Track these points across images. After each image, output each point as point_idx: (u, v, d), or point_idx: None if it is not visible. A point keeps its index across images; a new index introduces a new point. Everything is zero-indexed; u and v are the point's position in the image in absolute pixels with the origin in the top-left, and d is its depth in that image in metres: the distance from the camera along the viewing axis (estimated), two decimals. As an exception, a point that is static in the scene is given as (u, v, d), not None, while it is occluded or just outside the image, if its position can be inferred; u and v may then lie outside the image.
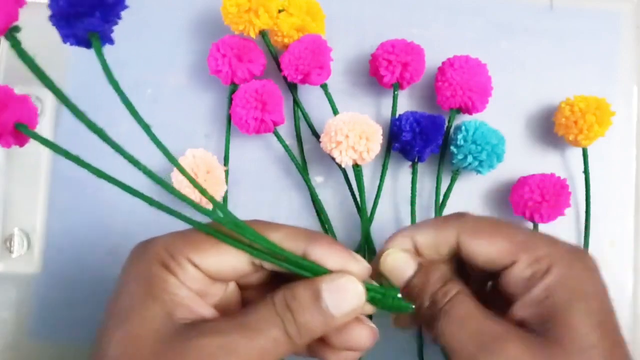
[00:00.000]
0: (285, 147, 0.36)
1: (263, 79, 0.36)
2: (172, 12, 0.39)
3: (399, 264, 0.26)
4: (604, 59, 0.39)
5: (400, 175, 0.38)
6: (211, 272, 0.24)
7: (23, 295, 0.37)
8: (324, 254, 0.24)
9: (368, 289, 0.25)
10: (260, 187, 0.38)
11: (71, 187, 0.38)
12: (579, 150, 0.37)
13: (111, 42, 0.22)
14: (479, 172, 0.36)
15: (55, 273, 0.37)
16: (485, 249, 0.25)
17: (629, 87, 0.39)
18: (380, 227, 0.38)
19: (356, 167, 0.34)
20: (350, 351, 0.26)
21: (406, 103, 0.39)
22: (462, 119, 0.38)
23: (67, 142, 0.38)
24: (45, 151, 0.38)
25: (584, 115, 0.35)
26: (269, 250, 0.24)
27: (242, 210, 0.38)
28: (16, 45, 0.20)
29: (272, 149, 0.39)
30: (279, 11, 0.35)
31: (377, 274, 0.27)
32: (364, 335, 0.25)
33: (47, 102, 0.38)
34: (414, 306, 0.25)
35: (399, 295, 0.25)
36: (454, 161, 0.36)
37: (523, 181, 0.36)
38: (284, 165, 0.38)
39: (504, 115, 0.38)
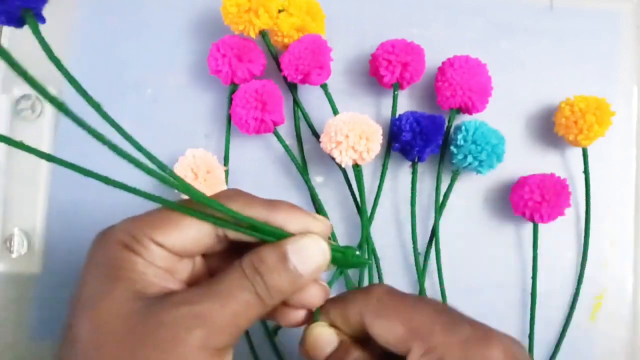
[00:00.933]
0: (285, 147, 0.36)
1: (263, 79, 0.36)
2: (172, 12, 0.39)
3: (320, 339, 0.26)
4: (604, 59, 0.39)
5: (400, 175, 0.38)
6: (176, 248, 0.24)
7: (23, 295, 0.37)
8: (286, 218, 0.24)
9: (332, 248, 0.25)
10: (260, 187, 0.38)
11: (71, 187, 0.38)
12: (579, 150, 0.37)
13: (43, 20, 0.22)
14: (479, 172, 0.36)
15: (55, 273, 0.37)
16: (384, 332, 0.25)
17: (629, 87, 0.39)
18: (380, 227, 0.38)
19: (356, 167, 0.34)
20: (302, 310, 0.26)
21: (406, 103, 0.39)
22: (462, 119, 0.38)
23: (68, 141, 0.38)
24: (45, 151, 0.38)
25: (584, 115, 0.35)
26: (232, 219, 0.24)
27: (242, 210, 0.38)
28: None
29: (272, 149, 0.39)
30: (279, 11, 0.35)
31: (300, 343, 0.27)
32: (317, 293, 0.26)
33: (47, 102, 0.38)
34: (369, 262, 0.25)
35: (357, 253, 0.26)
36: (454, 161, 0.36)
37: (523, 181, 0.36)
38: (284, 165, 0.38)
39: (504, 115, 0.38)
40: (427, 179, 0.38)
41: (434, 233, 0.37)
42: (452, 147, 0.36)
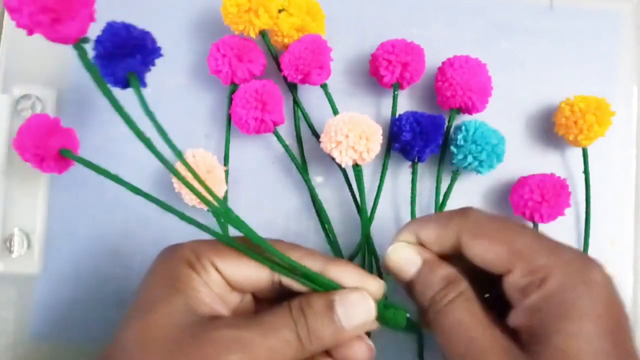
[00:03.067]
0: (285, 147, 0.36)
1: (263, 79, 0.36)
2: (172, 12, 0.39)
3: (403, 261, 0.27)
4: (604, 59, 0.39)
5: (400, 175, 0.38)
6: (232, 279, 0.26)
7: (23, 295, 0.37)
8: (341, 272, 0.26)
9: (382, 306, 0.26)
10: (260, 187, 0.38)
11: (71, 187, 0.38)
12: (579, 150, 0.37)
13: (144, 84, 0.25)
14: (479, 172, 0.36)
15: (55, 273, 0.37)
16: (483, 253, 0.25)
17: (629, 87, 0.39)
18: (380, 227, 0.38)
19: (356, 167, 0.34)
20: None
21: (406, 103, 0.39)
22: (462, 119, 0.38)
23: (67, 142, 0.38)
24: (45, 151, 0.38)
25: (584, 115, 0.35)
26: (289, 266, 0.25)
27: (242, 210, 0.38)
28: (83, 55, 0.21)
29: (272, 149, 0.39)
30: (279, 11, 0.35)
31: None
32: (362, 351, 0.26)
33: (47, 102, 0.38)
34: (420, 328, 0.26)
35: (408, 316, 0.26)
36: (454, 161, 0.36)
37: (523, 181, 0.36)
38: (284, 165, 0.38)
39: (504, 115, 0.38)
40: (427, 179, 0.38)
41: None
42: (452, 147, 0.36)
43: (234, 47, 0.35)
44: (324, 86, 0.36)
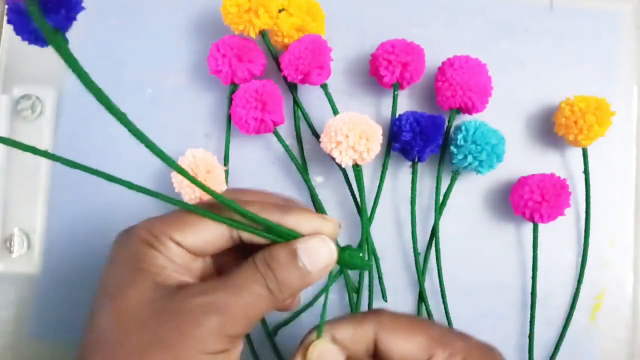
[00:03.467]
0: (285, 147, 0.36)
1: (263, 79, 0.36)
2: (172, 12, 0.39)
3: (327, 356, 0.27)
4: (604, 59, 0.39)
5: (400, 175, 0.38)
6: (193, 247, 0.26)
7: (23, 295, 0.37)
8: (298, 220, 0.26)
9: (340, 249, 0.27)
10: (260, 187, 0.38)
11: (71, 187, 0.38)
12: (579, 150, 0.37)
13: (66, 41, 0.23)
14: (479, 172, 0.36)
15: (55, 273, 0.37)
16: (402, 345, 0.26)
17: (629, 87, 0.39)
18: (380, 227, 0.38)
19: (356, 167, 0.34)
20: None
21: (406, 103, 0.39)
22: (462, 119, 0.38)
23: (68, 141, 0.38)
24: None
25: (584, 115, 0.35)
26: (249, 220, 0.26)
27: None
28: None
29: (272, 149, 0.39)
30: (279, 11, 0.35)
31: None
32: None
33: (47, 102, 0.38)
34: (370, 265, 0.29)
35: (361, 255, 0.28)
36: (454, 161, 0.36)
37: (523, 181, 0.36)
38: (284, 165, 0.38)
39: (504, 115, 0.38)
40: (427, 179, 0.38)
41: (434, 233, 0.37)
42: (452, 147, 0.36)
43: (234, 47, 0.35)
44: (324, 86, 0.36)
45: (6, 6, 0.21)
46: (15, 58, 0.39)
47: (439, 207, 0.37)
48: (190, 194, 0.34)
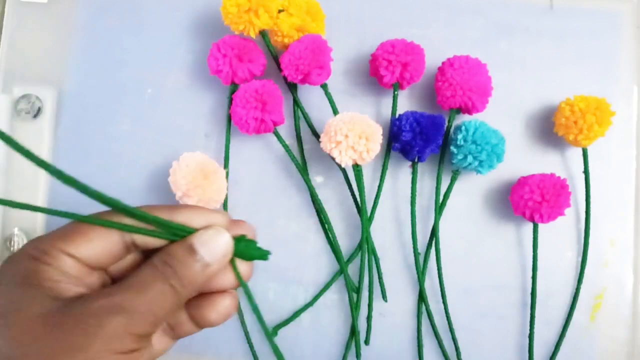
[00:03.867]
0: (285, 147, 0.36)
1: (263, 79, 0.36)
2: (172, 12, 0.39)
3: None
4: (604, 59, 0.39)
5: (400, 175, 0.38)
6: (86, 259, 0.25)
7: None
8: (188, 216, 0.27)
9: (235, 240, 0.27)
10: (260, 187, 0.38)
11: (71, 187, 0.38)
12: (579, 150, 0.37)
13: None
14: (479, 172, 0.36)
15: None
16: None
17: (629, 87, 0.39)
18: (380, 227, 0.38)
19: (356, 167, 0.34)
20: (226, 297, 0.29)
21: (406, 103, 0.39)
22: (462, 118, 0.38)
23: (68, 141, 0.38)
24: (45, 151, 0.38)
25: (584, 115, 0.35)
26: (140, 218, 0.26)
27: (242, 210, 0.38)
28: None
29: (272, 149, 0.39)
30: (279, 11, 0.35)
31: None
32: (229, 277, 0.28)
33: (47, 102, 0.38)
34: (270, 254, 0.29)
35: (258, 245, 0.28)
36: (454, 161, 0.36)
37: (523, 181, 0.36)
38: (284, 165, 0.38)
39: (503, 115, 0.38)
40: (427, 179, 0.38)
41: (434, 233, 0.37)
42: (452, 147, 0.36)
43: (234, 47, 0.35)
44: (324, 86, 0.36)
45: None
46: (15, 58, 0.39)
47: (439, 207, 0.37)
48: (194, 197, 0.34)
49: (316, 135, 0.37)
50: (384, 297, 0.37)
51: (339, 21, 0.39)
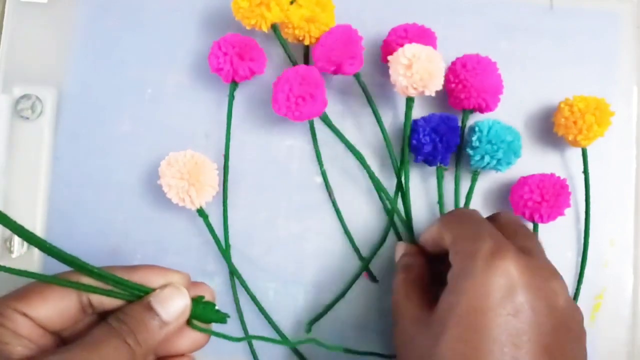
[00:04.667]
0: (337, 132, 0.35)
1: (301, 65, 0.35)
2: (172, 12, 0.39)
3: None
4: (604, 59, 0.39)
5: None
6: (41, 319, 0.25)
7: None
8: (146, 276, 0.27)
9: (194, 302, 0.28)
10: (260, 187, 0.38)
11: (71, 187, 0.38)
12: (579, 150, 0.37)
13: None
14: (498, 170, 0.35)
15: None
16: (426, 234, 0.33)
17: (628, 87, 0.39)
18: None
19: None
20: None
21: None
22: (472, 117, 0.37)
23: (67, 142, 0.38)
24: (45, 151, 0.38)
25: (583, 115, 0.35)
26: (97, 276, 0.26)
27: (242, 210, 0.38)
28: None
29: (272, 149, 0.38)
30: (291, 2, 0.35)
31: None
32: (190, 340, 0.28)
33: (47, 102, 0.38)
34: (228, 317, 0.29)
35: (217, 308, 0.29)
36: (471, 163, 0.35)
37: (523, 181, 0.36)
38: (284, 165, 0.38)
39: (504, 115, 0.38)
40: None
41: None
42: (468, 150, 0.35)
43: (235, 45, 0.35)
44: (357, 75, 0.36)
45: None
46: (15, 58, 0.39)
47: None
48: (178, 194, 0.33)
49: (331, 129, 0.37)
50: None
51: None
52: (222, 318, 0.29)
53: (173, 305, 0.26)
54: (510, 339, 0.24)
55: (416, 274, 0.32)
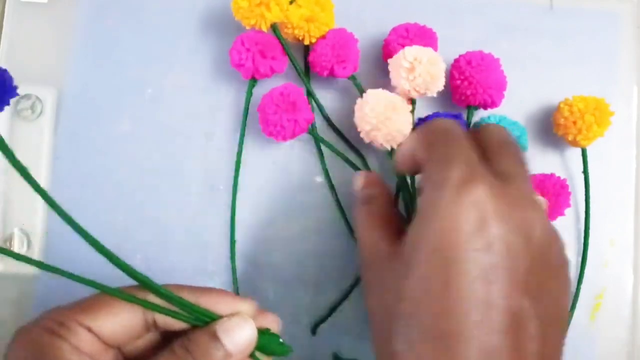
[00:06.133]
0: (330, 146, 0.36)
1: (282, 84, 0.35)
2: (173, 12, 0.39)
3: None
4: (604, 59, 0.39)
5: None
6: (105, 334, 0.24)
7: (23, 295, 0.37)
8: (214, 301, 0.26)
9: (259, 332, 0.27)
10: (259, 186, 0.38)
11: (71, 187, 0.38)
12: (579, 151, 0.37)
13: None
14: None
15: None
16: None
17: (628, 87, 0.39)
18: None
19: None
20: None
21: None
22: (476, 114, 0.37)
23: (67, 142, 0.38)
24: (45, 151, 0.38)
25: (583, 115, 0.35)
26: (165, 298, 0.25)
27: (242, 210, 0.38)
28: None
29: (271, 149, 0.38)
30: (290, 2, 0.35)
31: None
32: None
33: (47, 102, 0.38)
34: (292, 351, 0.28)
35: (281, 340, 0.28)
36: None
37: (523, 181, 0.36)
38: (284, 165, 0.38)
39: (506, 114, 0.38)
40: None
41: None
42: None
43: (258, 42, 0.35)
44: (352, 78, 0.36)
45: None
46: (15, 58, 0.39)
47: None
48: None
49: (332, 127, 0.37)
50: None
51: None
52: (285, 351, 0.28)
53: (239, 337, 0.26)
54: (482, 275, 0.22)
55: (380, 205, 0.30)
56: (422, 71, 0.33)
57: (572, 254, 0.38)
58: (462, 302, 0.22)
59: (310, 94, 0.37)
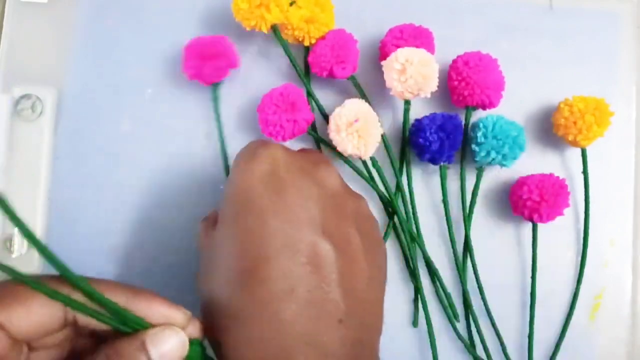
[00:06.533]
0: (330, 147, 0.36)
1: (282, 84, 0.36)
2: (173, 12, 0.39)
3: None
4: (604, 59, 0.39)
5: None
6: (16, 330, 0.22)
7: None
8: (147, 307, 0.24)
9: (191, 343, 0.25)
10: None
11: (71, 187, 0.38)
12: (579, 151, 0.37)
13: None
14: (503, 165, 0.35)
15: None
16: None
17: (628, 87, 0.39)
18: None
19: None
20: None
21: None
22: (474, 114, 0.37)
23: (68, 142, 0.38)
24: (45, 151, 0.38)
25: (583, 115, 0.35)
26: (93, 300, 0.23)
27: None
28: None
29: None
30: (290, 4, 0.35)
31: None
32: None
33: (47, 102, 0.38)
34: None
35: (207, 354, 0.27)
36: (477, 159, 0.35)
37: (522, 181, 0.36)
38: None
39: (503, 115, 0.38)
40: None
41: (466, 237, 0.37)
42: (473, 146, 0.35)
43: (203, 45, 0.36)
44: (351, 78, 0.37)
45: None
46: (15, 58, 0.39)
47: (470, 206, 0.37)
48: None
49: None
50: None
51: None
52: None
53: (169, 350, 0.24)
54: (281, 216, 0.25)
55: (215, 217, 0.29)
56: (413, 72, 0.33)
57: (572, 254, 0.38)
58: (262, 234, 0.24)
59: (309, 94, 0.37)
